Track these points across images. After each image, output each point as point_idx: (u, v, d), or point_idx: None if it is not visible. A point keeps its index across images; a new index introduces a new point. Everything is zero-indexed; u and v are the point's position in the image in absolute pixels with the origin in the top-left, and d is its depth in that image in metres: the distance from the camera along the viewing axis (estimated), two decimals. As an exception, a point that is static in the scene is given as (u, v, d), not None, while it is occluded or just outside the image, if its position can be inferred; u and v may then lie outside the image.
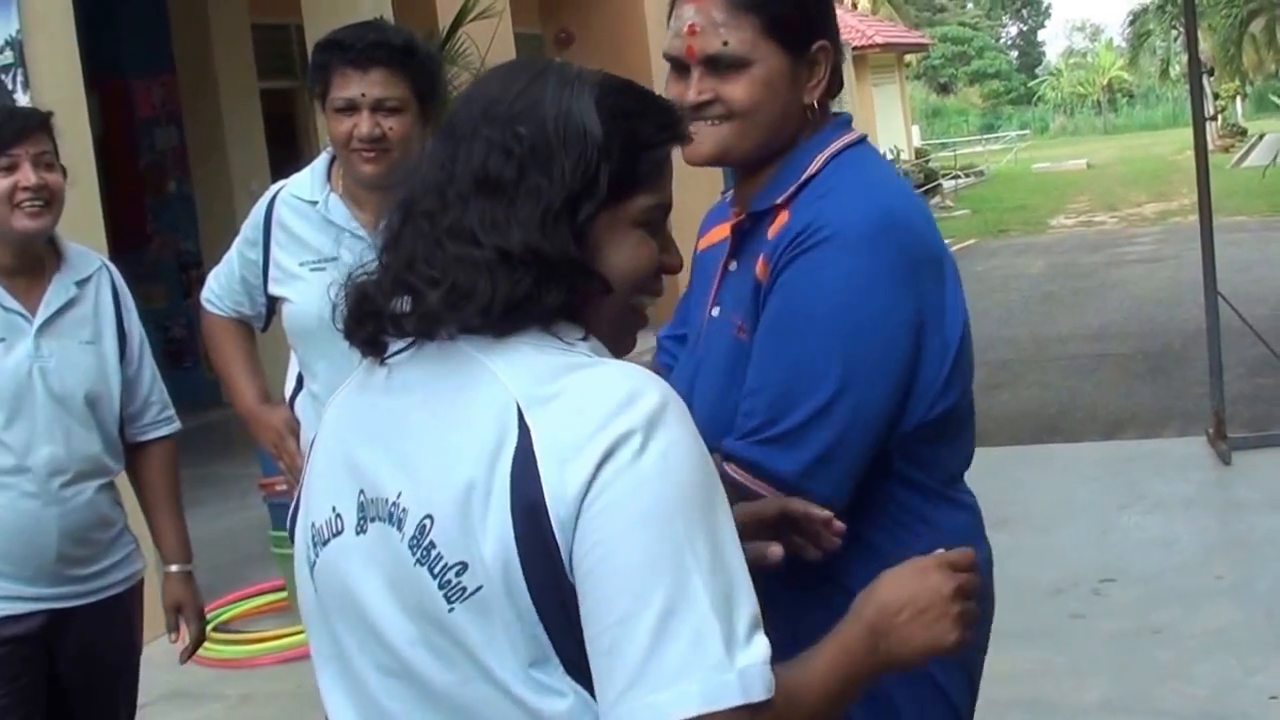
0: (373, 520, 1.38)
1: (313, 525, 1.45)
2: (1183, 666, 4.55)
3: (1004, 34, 79.13)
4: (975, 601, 1.47)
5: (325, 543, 1.43)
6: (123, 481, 3.10)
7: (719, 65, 1.81)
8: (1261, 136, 32.65)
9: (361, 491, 1.40)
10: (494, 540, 1.29)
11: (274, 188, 3.14)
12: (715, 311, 1.93)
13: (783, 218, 1.83)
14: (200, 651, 3.39)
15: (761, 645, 1.27)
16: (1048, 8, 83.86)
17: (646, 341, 2.15)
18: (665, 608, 1.24)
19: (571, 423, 1.30)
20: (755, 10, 1.80)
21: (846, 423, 1.73)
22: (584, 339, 1.40)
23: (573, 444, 1.29)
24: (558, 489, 1.28)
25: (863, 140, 1.92)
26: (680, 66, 1.86)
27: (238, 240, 3.18)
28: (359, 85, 2.85)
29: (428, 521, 1.33)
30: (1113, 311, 12.51)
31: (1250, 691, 4.32)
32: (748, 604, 1.29)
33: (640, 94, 1.44)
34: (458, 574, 1.31)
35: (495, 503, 1.30)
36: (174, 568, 3.11)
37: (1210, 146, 10.26)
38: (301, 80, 10.43)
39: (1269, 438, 7.11)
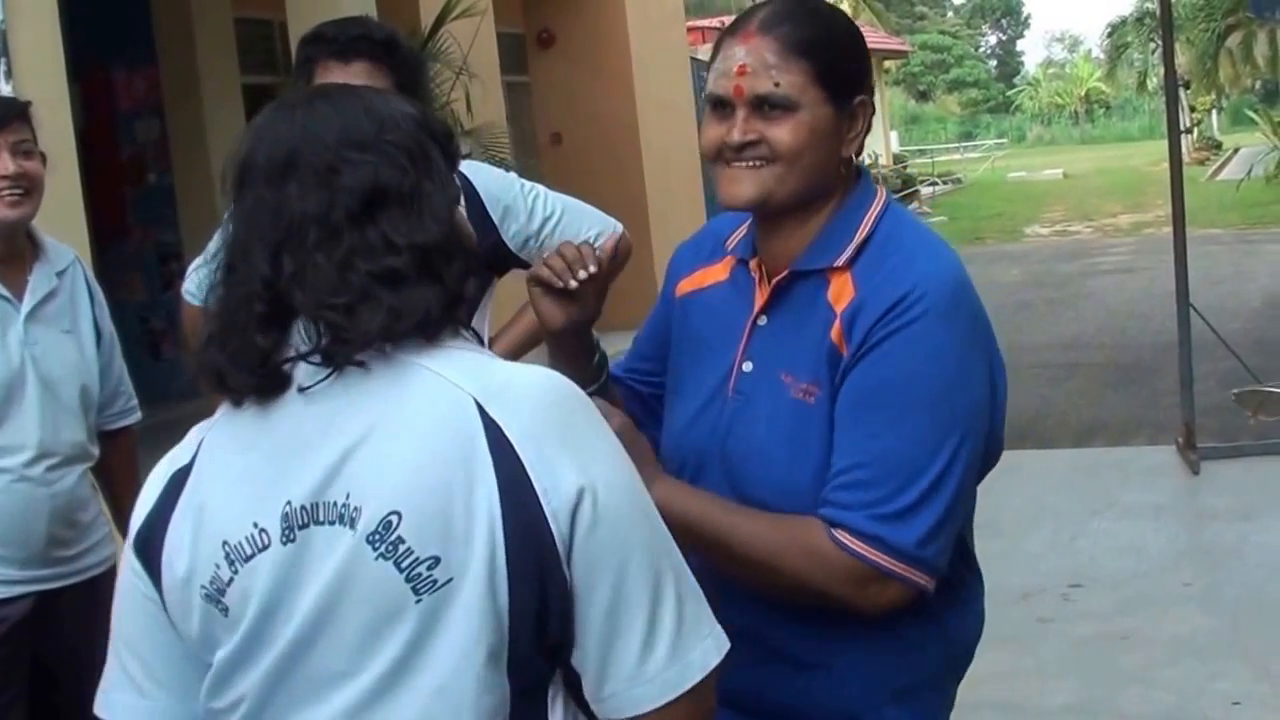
0: (303, 527, 1.37)
1: (225, 544, 1.40)
2: (1148, 671, 4.61)
3: (983, 43, 79.48)
4: None
5: (248, 559, 1.39)
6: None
7: (767, 107, 1.80)
8: (1236, 150, 32.92)
9: (288, 502, 1.38)
10: (482, 531, 1.32)
11: (257, 182, 3.16)
12: (748, 367, 1.89)
13: (843, 281, 1.82)
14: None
15: None
16: (1027, 18, 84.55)
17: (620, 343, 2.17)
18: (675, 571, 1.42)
19: (537, 415, 1.36)
20: (808, 56, 1.80)
21: (955, 493, 1.74)
22: (471, 336, 1.46)
23: (548, 437, 1.35)
24: (548, 480, 1.34)
25: (889, 195, 1.93)
26: (724, 106, 1.83)
27: (219, 233, 3.19)
28: (341, 76, 2.86)
29: (394, 518, 1.33)
30: (1086, 321, 12.59)
31: (1214, 697, 4.37)
32: None
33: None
34: (429, 567, 1.32)
35: (482, 496, 1.33)
36: None
37: (1185, 159, 10.34)
38: (284, 76, 10.44)
39: (1237, 448, 7.21)
